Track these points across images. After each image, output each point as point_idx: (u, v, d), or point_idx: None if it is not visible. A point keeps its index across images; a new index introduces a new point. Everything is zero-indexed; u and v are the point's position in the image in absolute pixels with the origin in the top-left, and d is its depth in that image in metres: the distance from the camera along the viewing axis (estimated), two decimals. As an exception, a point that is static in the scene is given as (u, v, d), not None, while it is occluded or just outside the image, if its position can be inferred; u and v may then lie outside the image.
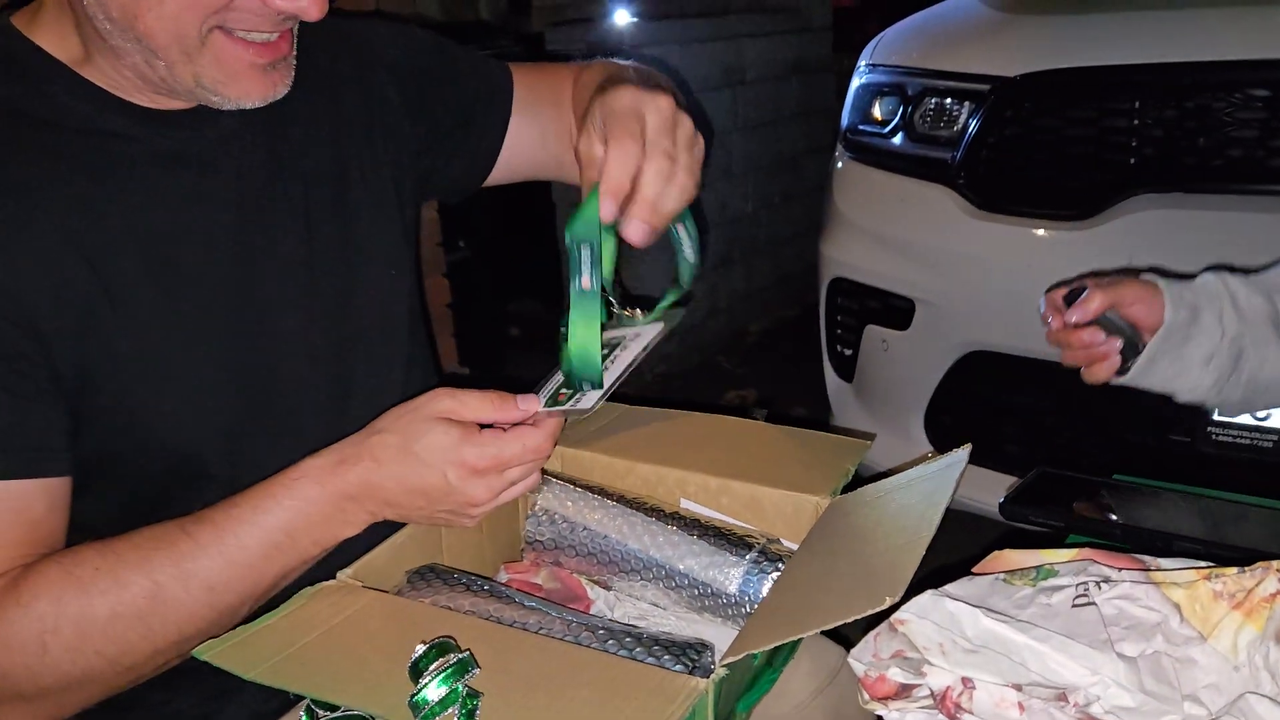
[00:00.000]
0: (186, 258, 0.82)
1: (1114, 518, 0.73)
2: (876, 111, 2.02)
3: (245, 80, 0.78)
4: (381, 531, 0.80)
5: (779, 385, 3.41)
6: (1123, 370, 0.89)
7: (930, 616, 0.52)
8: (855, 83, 2.13)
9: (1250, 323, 0.88)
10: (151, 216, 0.80)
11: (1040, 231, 1.73)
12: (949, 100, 1.85)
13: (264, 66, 0.78)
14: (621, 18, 3.39)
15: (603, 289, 0.80)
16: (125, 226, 0.79)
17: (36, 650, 0.72)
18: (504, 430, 0.76)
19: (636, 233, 0.77)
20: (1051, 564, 0.52)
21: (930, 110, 1.89)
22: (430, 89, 1.02)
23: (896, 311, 1.93)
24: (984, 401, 1.89)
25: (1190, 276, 0.94)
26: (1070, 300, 0.87)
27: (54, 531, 0.77)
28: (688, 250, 0.84)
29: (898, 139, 1.95)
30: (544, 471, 0.92)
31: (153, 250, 0.80)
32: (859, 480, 0.87)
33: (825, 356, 2.16)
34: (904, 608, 0.53)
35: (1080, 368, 0.91)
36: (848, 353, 2.09)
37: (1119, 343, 0.89)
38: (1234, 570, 0.49)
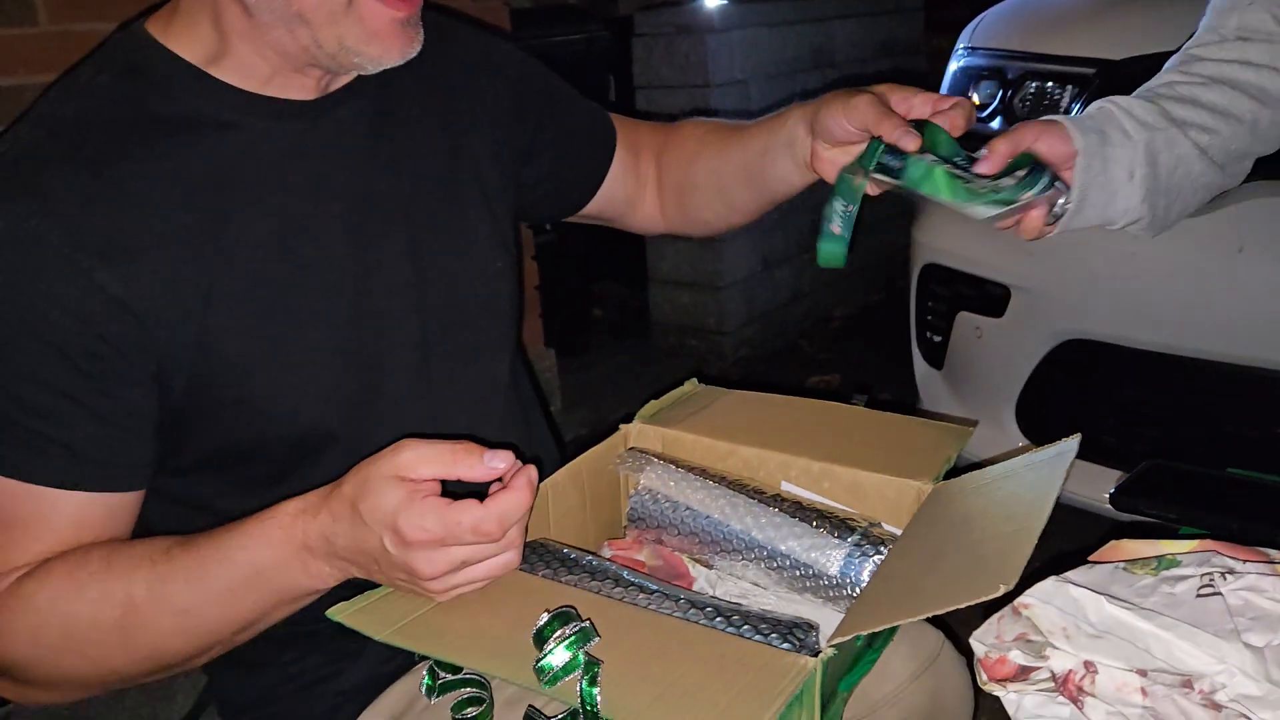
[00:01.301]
0: (302, 246, 0.85)
1: (1229, 512, 0.72)
2: (975, 96, 1.99)
3: (386, 38, 0.81)
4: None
5: (862, 371, 3.38)
6: (1054, 218, 0.88)
7: (1054, 601, 0.53)
8: (953, 66, 2.10)
9: (1154, 128, 0.90)
10: (269, 207, 0.84)
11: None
12: (1050, 84, 1.82)
13: (403, 21, 0.82)
14: (710, 0, 3.38)
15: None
16: (245, 219, 0.82)
17: (29, 641, 0.76)
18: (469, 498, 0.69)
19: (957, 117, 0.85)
20: (1174, 554, 0.52)
21: (1030, 94, 1.85)
22: (541, 107, 1.06)
23: (991, 298, 1.90)
24: (1081, 392, 1.86)
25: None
26: None
27: (105, 536, 0.80)
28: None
29: (996, 123, 1.92)
30: (645, 452, 0.95)
31: (270, 240, 0.84)
32: (955, 468, 0.87)
33: (914, 343, 2.15)
34: (1028, 592, 0.54)
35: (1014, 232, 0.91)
36: (938, 340, 2.06)
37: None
38: None
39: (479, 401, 0.98)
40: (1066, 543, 0.80)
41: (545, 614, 0.63)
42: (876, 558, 0.81)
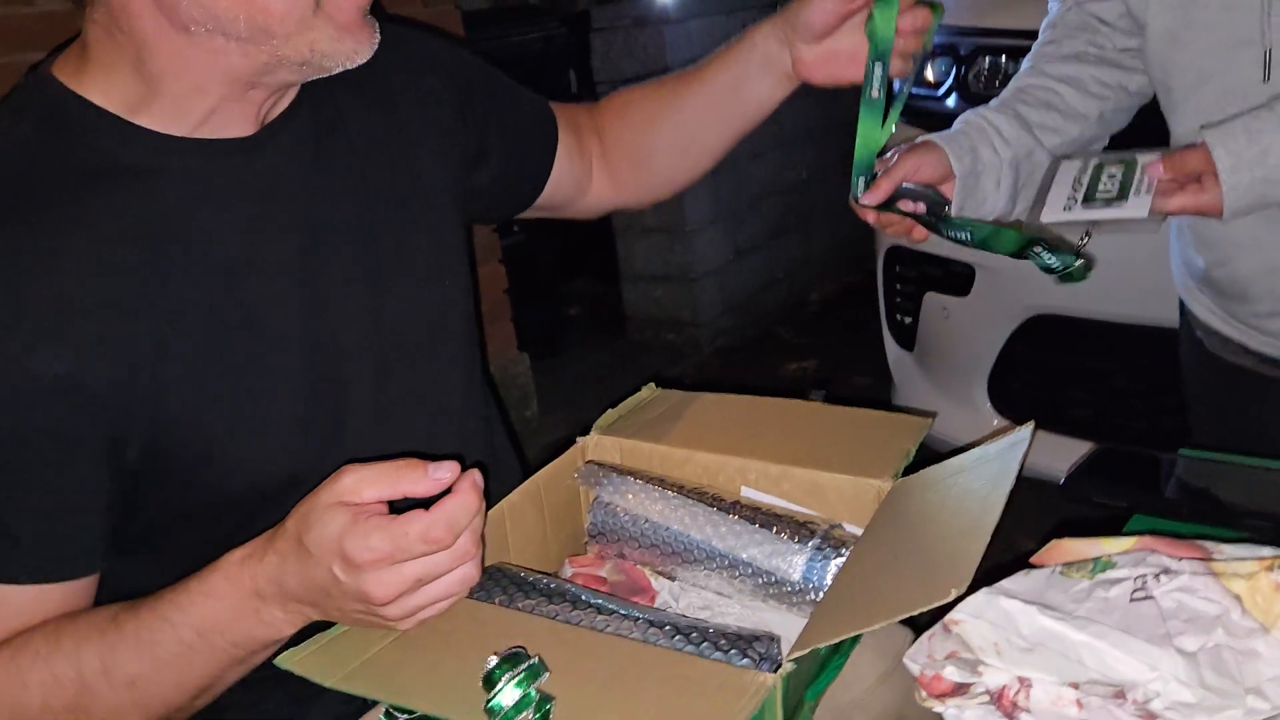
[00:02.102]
0: (252, 290, 0.82)
1: (1177, 495, 0.72)
2: (928, 73, 1.98)
3: (356, 32, 0.79)
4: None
5: (841, 354, 3.38)
6: (935, 227, 0.97)
7: (985, 616, 0.52)
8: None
9: (1015, 144, 1.04)
10: (214, 253, 0.81)
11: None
12: (1003, 58, 1.81)
13: (364, 11, 0.80)
14: (665, -9, 3.36)
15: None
16: (189, 270, 0.79)
17: None
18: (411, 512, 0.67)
19: None
20: (1110, 554, 0.51)
21: (984, 70, 1.85)
22: (483, 103, 1.03)
23: (956, 278, 1.90)
24: (1049, 366, 1.86)
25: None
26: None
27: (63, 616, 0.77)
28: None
29: (951, 100, 1.91)
30: (603, 464, 0.93)
31: (218, 288, 0.80)
32: (925, 453, 0.86)
33: (885, 326, 2.14)
34: (958, 608, 0.53)
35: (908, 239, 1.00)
36: (907, 321, 2.06)
37: (923, 205, 0.97)
38: None
39: (440, 424, 0.96)
40: (1043, 519, 0.80)
41: (494, 657, 0.61)
42: (838, 560, 0.80)
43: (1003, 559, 0.64)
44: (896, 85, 0.97)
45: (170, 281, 0.78)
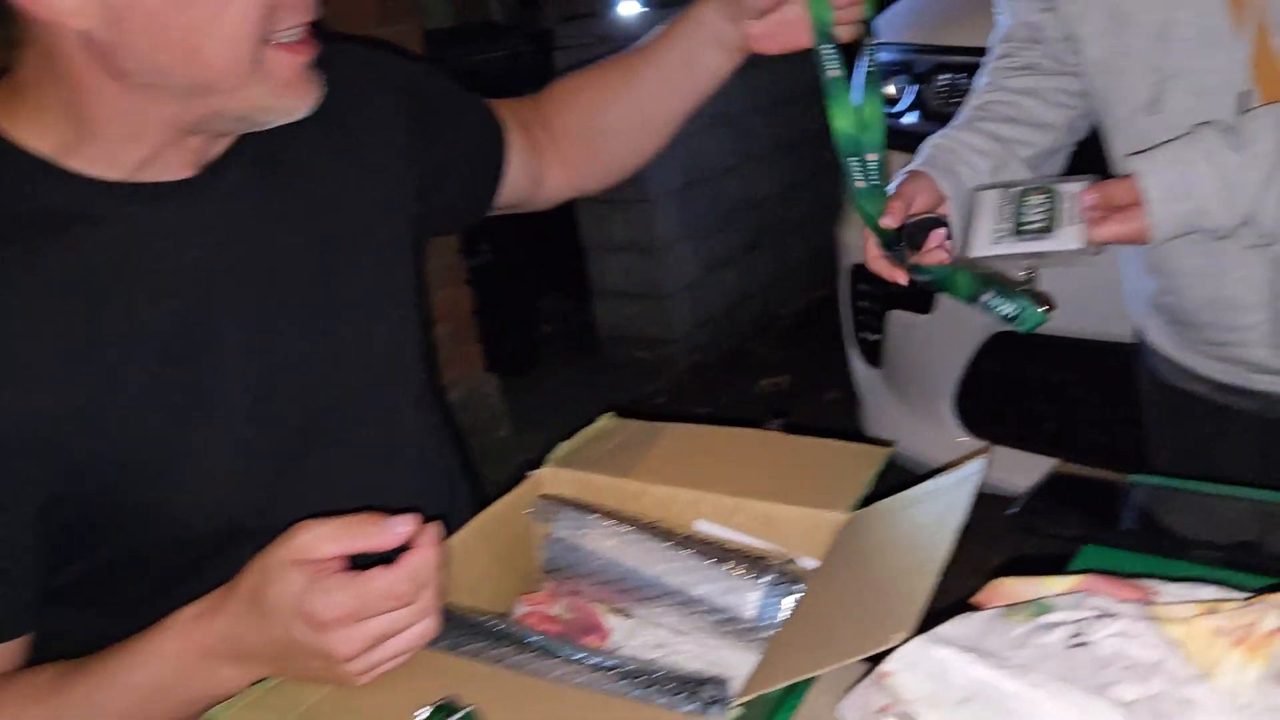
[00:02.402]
0: (197, 335, 0.80)
1: (1129, 523, 0.71)
2: (889, 90, 1.98)
3: (298, 86, 0.78)
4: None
5: (813, 368, 3.38)
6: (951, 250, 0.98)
7: (918, 666, 0.51)
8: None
9: (990, 154, 1.05)
10: (155, 300, 0.79)
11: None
12: (961, 76, 1.81)
13: (307, 66, 0.79)
14: (629, 8, 3.37)
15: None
16: (129, 318, 0.77)
17: None
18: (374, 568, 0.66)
19: None
20: (1049, 597, 0.50)
21: (942, 87, 1.85)
22: (433, 117, 1.01)
23: (919, 295, 1.90)
24: (1014, 382, 1.86)
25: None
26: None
27: None
28: None
29: (911, 118, 1.92)
30: (556, 499, 0.92)
31: (160, 335, 0.78)
32: (894, 472, 0.85)
33: (850, 344, 2.14)
34: (891, 658, 0.52)
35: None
36: (873, 338, 2.06)
37: (941, 230, 0.97)
38: (1233, 605, 0.47)
39: (394, 461, 0.95)
40: (1002, 541, 0.79)
41: (427, 707, 0.59)
42: (792, 596, 0.78)
43: (968, 582, 0.63)
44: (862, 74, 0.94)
45: (108, 334, 0.76)
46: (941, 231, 0.96)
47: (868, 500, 0.84)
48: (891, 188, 0.98)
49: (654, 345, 3.59)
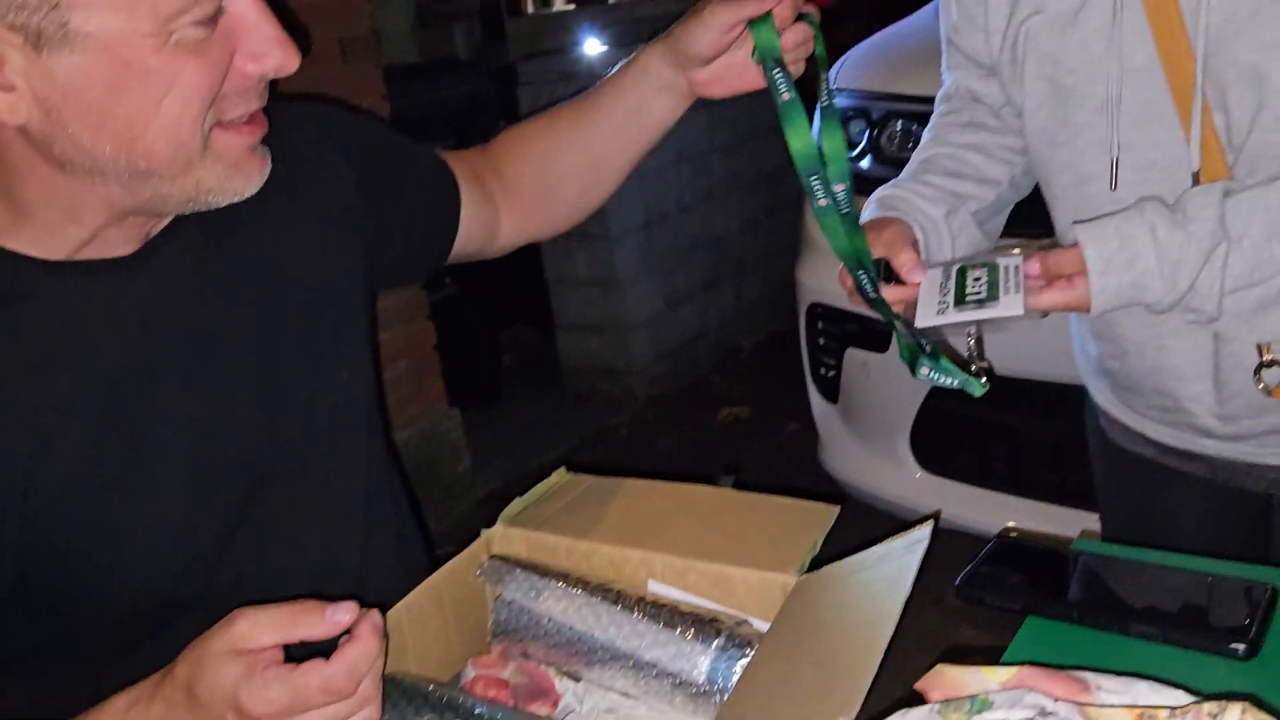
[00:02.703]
0: (135, 409, 0.79)
1: (1073, 592, 0.72)
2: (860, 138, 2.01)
3: (245, 166, 0.77)
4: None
5: (773, 400, 3.40)
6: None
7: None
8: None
9: (943, 203, 1.04)
10: (92, 374, 0.77)
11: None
12: (915, 123, 1.84)
13: (256, 146, 0.78)
14: (593, 47, 3.40)
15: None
16: (65, 394, 0.76)
17: None
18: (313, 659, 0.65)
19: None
20: (987, 693, 0.51)
21: (896, 133, 1.88)
22: (384, 175, 1.01)
23: (875, 334, 1.92)
24: (968, 421, 1.88)
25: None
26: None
27: None
28: None
29: (866, 162, 1.95)
30: (507, 559, 0.91)
31: (98, 409, 0.77)
32: (853, 508, 0.86)
33: (809, 380, 2.16)
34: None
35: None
36: (830, 375, 2.08)
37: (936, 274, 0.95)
38: (1165, 713, 0.47)
39: (342, 526, 0.94)
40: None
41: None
42: (742, 659, 0.78)
43: (916, 654, 0.63)
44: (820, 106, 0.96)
45: (43, 411, 0.75)
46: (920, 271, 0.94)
47: (817, 557, 0.85)
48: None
49: (616, 378, 3.59)
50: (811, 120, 0.91)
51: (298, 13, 0.95)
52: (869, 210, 1.06)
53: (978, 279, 0.88)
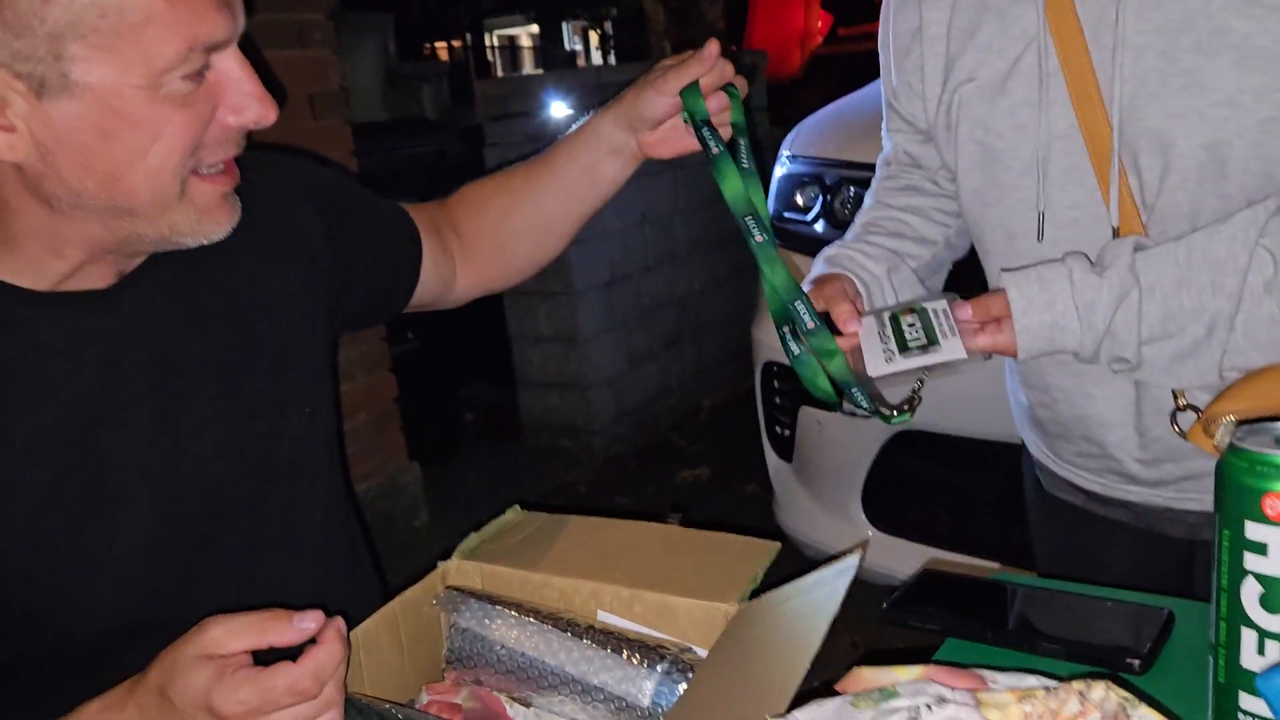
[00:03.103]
0: (102, 436, 0.83)
1: (989, 617, 0.77)
2: (799, 199, 2.10)
3: (216, 213, 0.82)
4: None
5: (731, 461, 3.45)
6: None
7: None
8: (778, 171, 2.21)
9: (885, 261, 1.10)
10: (62, 400, 0.81)
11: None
12: (865, 190, 1.93)
13: (228, 195, 0.83)
14: (559, 109, 3.49)
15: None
16: (34, 418, 0.80)
17: None
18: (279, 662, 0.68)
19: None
20: (895, 683, 0.55)
21: (849, 199, 1.97)
22: (349, 225, 1.06)
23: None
24: (916, 479, 1.94)
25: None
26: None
27: None
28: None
29: (820, 226, 2.03)
30: (462, 590, 0.95)
31: (65, 435, 0.81)
32: (805, 564, 0.90)
33: (764, 437, 2.21)
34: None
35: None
36: (785, 433, 2.13)
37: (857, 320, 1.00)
38: (1042, 692, 0.52)
39: (300, 558, 0.97)
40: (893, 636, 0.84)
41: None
42: (685, 684, 0.82)
43: (843, 668, 0.67)
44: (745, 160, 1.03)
45: (13, 434, 0.78)
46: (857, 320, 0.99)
47: (759, 591, 0.89)
48: (806, 284, 1.05)
49: (576, 435, 3.62)
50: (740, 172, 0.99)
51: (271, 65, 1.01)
52: (817, 267, 1.12)
53: (912, 324, 0.94)
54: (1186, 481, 1.07)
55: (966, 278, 1.21)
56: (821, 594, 0.77)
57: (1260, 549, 0.59)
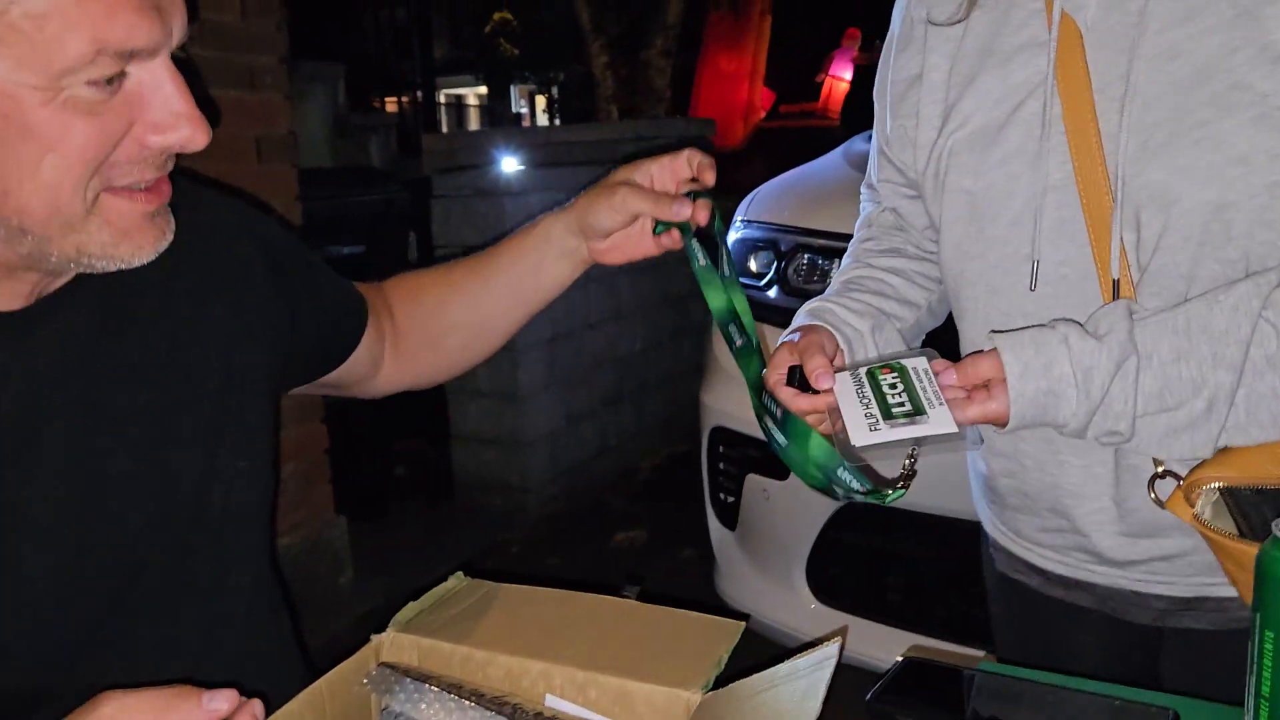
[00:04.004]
0: (12, 478, 0.74)
1: (974, 711, 0.72)
2: (752, 264, 2.08)
3: (137, 235, 0.73)
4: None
5: (669, 525, 3.39)
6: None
7: None
8: (731, 236, 2.19)
9: (868, 316, 1.08)
10: None
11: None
12: (820, 257, 1.92)
13: (152, 214, 0.74)
14: (508, 165, 3.46)
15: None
16: None
17: None
18: None
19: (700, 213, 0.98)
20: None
21: (803, 265, 1.96)
22: (295, 275, 1.00)
23: (776, 461, 1.93)
24: (864, 553, 1.90)
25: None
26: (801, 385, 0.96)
27: None
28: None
29: (773, 292, 2.01)
30: (396, 667, 0.87)
31: None
32: (746, 635, 0.84)
33: (708, 504, 2.15)
34: None
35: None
36: (730, 500, 2.08)
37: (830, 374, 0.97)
38: None
39: (221, 624, 0.89)
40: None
41: None
42: (642, 781, 0.75)
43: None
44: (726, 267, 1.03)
45: None
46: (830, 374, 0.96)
47: (722, 675, 0.83)
48: (787, 336, 1.02)
49: (510, 493, 3.53)
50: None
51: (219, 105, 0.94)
52: (799, 318, 1.08)
53: (894, 386, 0.88)
54: (1159, 563, 1.03)
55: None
56: (798, 689, 0.71)
57: (1304, 654, 0.54)
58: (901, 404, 0.87)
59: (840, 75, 10.65)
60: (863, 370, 0.92)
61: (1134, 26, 0.91)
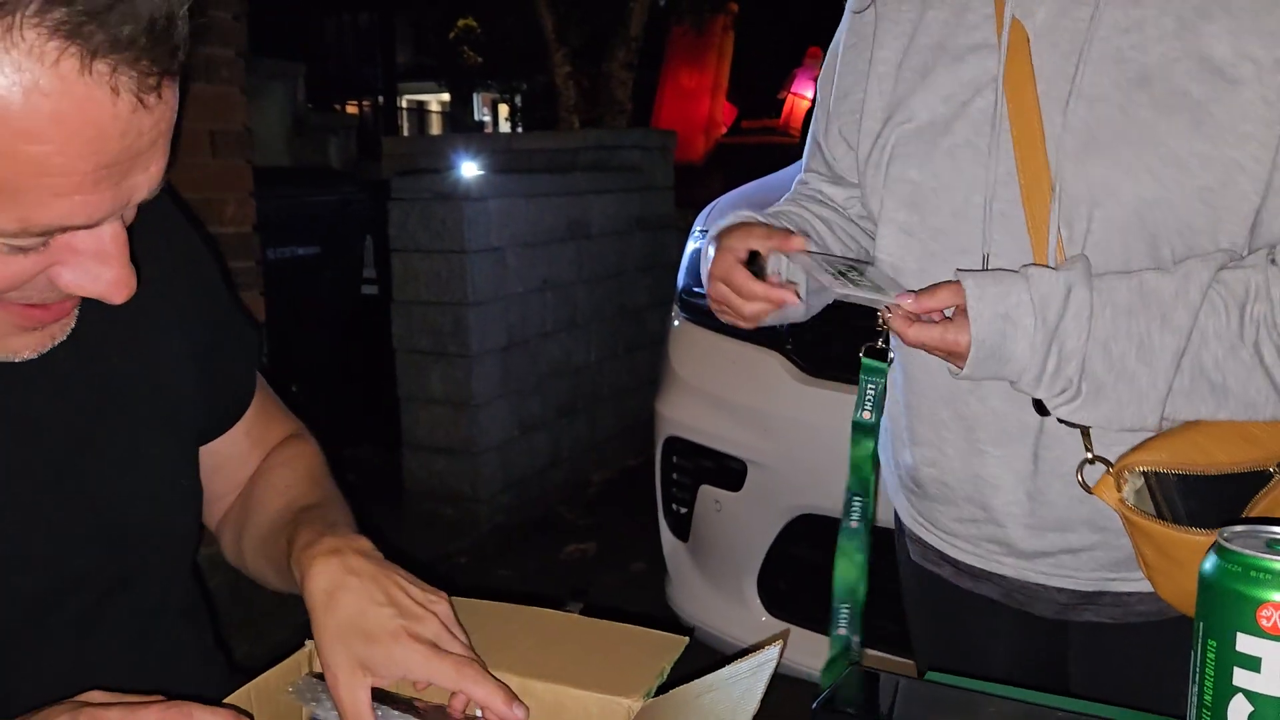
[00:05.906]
0: None
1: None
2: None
3: (14, 340, 0.71)
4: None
5: (620, 537, 3.36)
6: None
7: None
8: (690, 246, 2.18)
9: (824, 221, 1.14)
10: None
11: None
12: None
13: (35, 330, 0.71)
14: (469, 169, 3.43)
15: None
16: None
17: None
18: None
19: None
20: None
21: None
22: (220, 319, 0.96)
23: (729, 472, 1.93)
24: (815, 566, 1.89)
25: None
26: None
27: None
28: None
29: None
30: (322, 676, 0.83)
31: None
32: (696, 648, 0.82)
33: (661, 515, 2.14)
34: None
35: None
36: (683, 511, 2.06)
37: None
38: None
39: (142, 631, 0.86)
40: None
41: None
42: (577, 793, 0.73)
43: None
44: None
45: None
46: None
47: (664, 686, 0.81)
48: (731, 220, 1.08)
49: (460, 503, 3.48)
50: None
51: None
52: (730, 219, 1.11)
53: (854, 269, 0.96)
54: (1065, 555, 1.05)
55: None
56: (737, 691, 0.70)
57: (1253, 664, 0.54)
58: (865, 283, 0.94)
59: (802, 93, 10.75)
60: (820, 258, 0.99)
61: (1081, 33, 0.95)
